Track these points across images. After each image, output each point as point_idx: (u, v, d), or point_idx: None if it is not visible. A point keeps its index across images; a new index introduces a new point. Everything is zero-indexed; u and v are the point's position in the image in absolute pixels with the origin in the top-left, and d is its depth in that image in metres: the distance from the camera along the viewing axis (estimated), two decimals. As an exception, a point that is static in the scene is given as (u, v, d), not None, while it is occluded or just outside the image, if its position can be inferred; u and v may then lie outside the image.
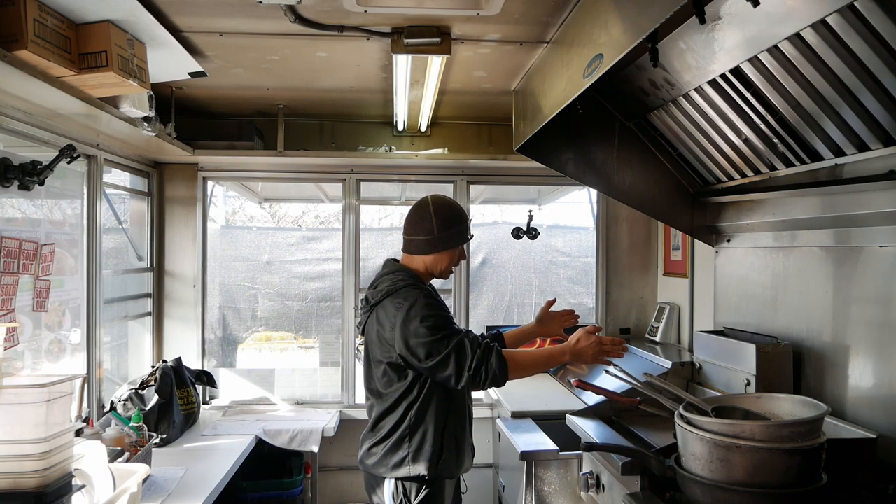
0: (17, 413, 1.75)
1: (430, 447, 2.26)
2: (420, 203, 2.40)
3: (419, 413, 2.27)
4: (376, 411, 2.34)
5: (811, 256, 2.52)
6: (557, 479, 2.83)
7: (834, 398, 2.34)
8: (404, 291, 2.26)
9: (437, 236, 2.35)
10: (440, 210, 2.37)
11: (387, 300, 2.27)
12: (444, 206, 2.39)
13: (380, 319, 2.27)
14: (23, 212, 2.59)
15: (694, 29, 2.12)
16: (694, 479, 1.80)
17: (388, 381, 2.28)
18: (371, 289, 2.38)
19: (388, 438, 2.29)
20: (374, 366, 2.33)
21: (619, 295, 4.19)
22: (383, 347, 2.26)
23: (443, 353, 2.16)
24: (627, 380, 2.45)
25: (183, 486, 2.56)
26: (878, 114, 1.90)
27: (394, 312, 2.22)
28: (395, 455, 2.27)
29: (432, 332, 2.18)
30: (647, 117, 3.01)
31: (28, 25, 1.93)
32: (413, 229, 2.38)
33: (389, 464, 2.28)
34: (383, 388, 2.30)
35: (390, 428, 2.29)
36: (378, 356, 2.30)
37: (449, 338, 2.18)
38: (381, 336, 2.26)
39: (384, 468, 2.29)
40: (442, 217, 2.36)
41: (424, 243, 2.36)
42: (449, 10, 2.30)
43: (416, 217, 2.39)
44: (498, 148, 4.04)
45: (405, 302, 2.22)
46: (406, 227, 2.40)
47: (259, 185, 5.08)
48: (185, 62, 2.73)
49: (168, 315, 3.92)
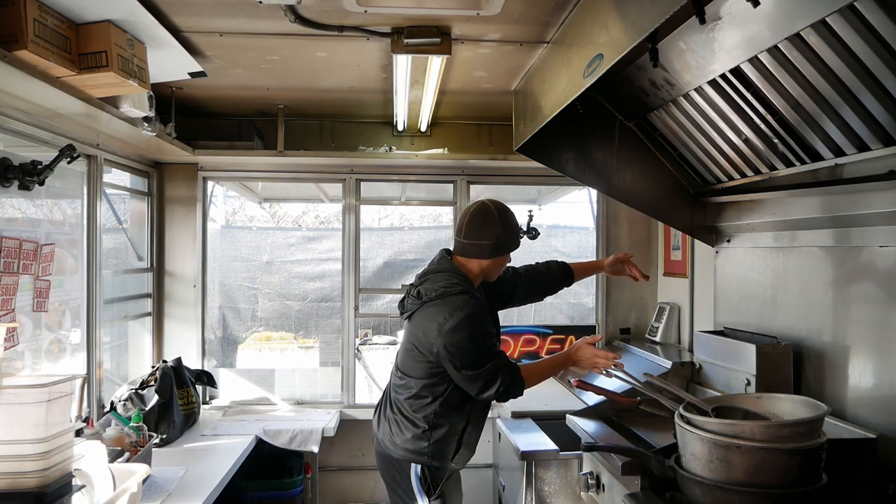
0: (17, 413, 1.75)
1: (450, 443, 2.40)
2: (483, 209, 2.45)
3: (444, 408, 2.38)
4: (402, 393, 2.43)
5: (811, 256, 2.52)
6: (557, 479, 2.83)
7: (834, 398, 2.34)
8: (460, 299, 2.32)
9: (501, 241, 2.42)
10: (504, 216, 2.45)
11: (440, 301, 2.33)
12: (508, 212, 2.48)
13: (429, 315, 2.34)
14: (23, 212, 2.59)
15: (694, 29, 2.12)
16: (694, 479, 1.80)
17: (421, 371, 2.37)
18: (422, 279, 2.44)
19: (412, 426, 2.40)
20: (411, 351, 2.41)
21: (619, 295, 4.19)
22: (425, 342, 2.33)
23: (478, 371, 2.29)
24: (627, 380, 2.45)
25: (183, 486, 2.56)
26: (878, 114, 1.90)
27: (445, 317, 2.28)
28: (417, 444, 2.39)
29: (475, 349, 2.29)
30: (647, 117, 3.01)
31: (28, 25, 1.93)
32: (477, 234, 2.42)
33: (412, 450, 2.39)
34: (413, 373, 2.40)
35: (415, 416, 2.39)
36: (417, 346, 2.37)
37: (488, 358, 2.31)
38: (426, 331, 2.33)
39: (407, 453, 2.40)
40: (507, 223, 2.44)
41: (489, 248, 2.42)
42: (449, 10, 2.30)
43: (480, 221, 2.43)
44: (498, 148, 4.04)
45: (457, 311, 2.28)
46: (467, 231, 2.43)
47: (259, 185, 5.08)
48: (185, 62, 2.73)
49: (168, 315, 3.92)
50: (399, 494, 2.47)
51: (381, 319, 7.39)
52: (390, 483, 2.51)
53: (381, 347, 6.90)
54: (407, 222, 8.06)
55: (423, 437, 2.38)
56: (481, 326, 2.32)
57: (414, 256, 7.19)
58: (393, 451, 2.43)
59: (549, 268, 2.83)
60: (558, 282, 2.85)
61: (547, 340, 4.15)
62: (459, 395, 2.38)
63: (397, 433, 2.42)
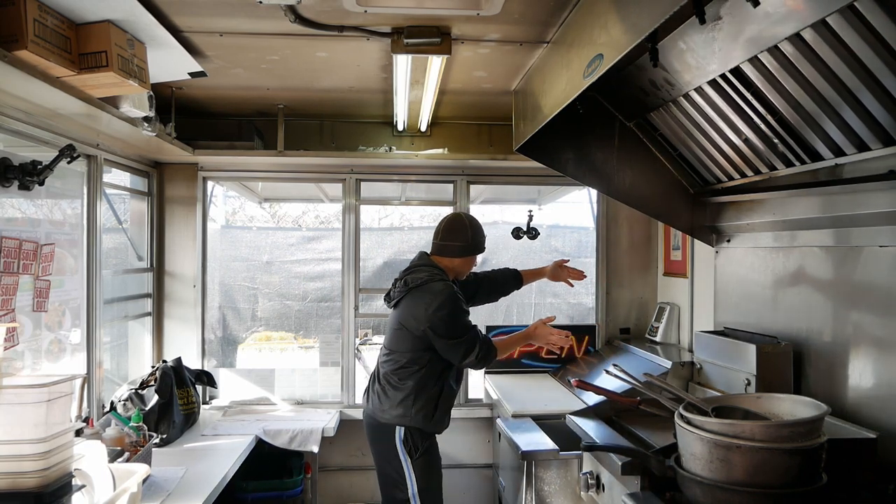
0: (17, 413, 1.75)
1: (429, 407, 2.85)
2: (457, 218, 3.03)
3: (425, 377, 2.84)
4: (390, 366, 2.89)
5: (811, 256, 2.52)
6: (557, 479, 2.83)
7: (834, 398, 2.34)
8: (440, 284, 2.84)
9: (469, 244, 2.97)
10: (473, 226, 3.00)
11: (424, 287, 2.83)
12: (476, 223, 3.04)
13: (416, 299, 2.83)
14: (23, 212, 2.59)
15: (694, 29, 2.12)
16: (694, 479, 1.80)
17: (407, 345, 2.84)
18: (407, 272, 2.94)
19: (398, 393, 2.84)
20: (399, 330, 2.88)
21: (619, 295, 4.19)
22: (413, 321, 2.81)
23: (460, 339, 2.81)
24: (627, 380, 2.45)
25: (183, 486, 2.56)
26: (878, 114, 1.90)
27: (430, 299, 2.79)
28: (401, 408, 2.83)
29: (456, 322, 2.83)
30: (647, 117, 3.01)
31: (28, 25, 1.93)
32: (451, 237, 2.96)
33: (397, 415, 2.83)
34: (400, 348, 2.87)
35: (400, 384, 2.84)
36: (405, 325, 2.85)
37: (466, 330, 2.84)
38: (415, 312, 2.81)
39: (393, 417, 2.84)
40: (475, 230, 3.00)
41: (459, 249, 2.96)
42: (449, 10, 2.30)
43: (454, 227, 2.98)
44: (498, 148, 4.04)
45: (440, 294, 2.80)
46: (444, 234, 2.98)
47: (259, 185, 5.07)
48: (185, 62, 2.73)
49: (168, 315, 3.92)
50: (385, 456, 2.89)
51: (381, 319, 7.37)
52: (377, 447, 2.95)
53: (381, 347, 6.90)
54: (407, 222, 8.06)
55: (408, 401, 2.82)
56: (459, 304, 2.84)
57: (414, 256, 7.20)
58: (381, 417, 2.87)
59: (504, 274, 3.35)
60: (510, 285, 3.35)
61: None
62: (440, 366, 2.85)
63: (385, 401, 2.87)
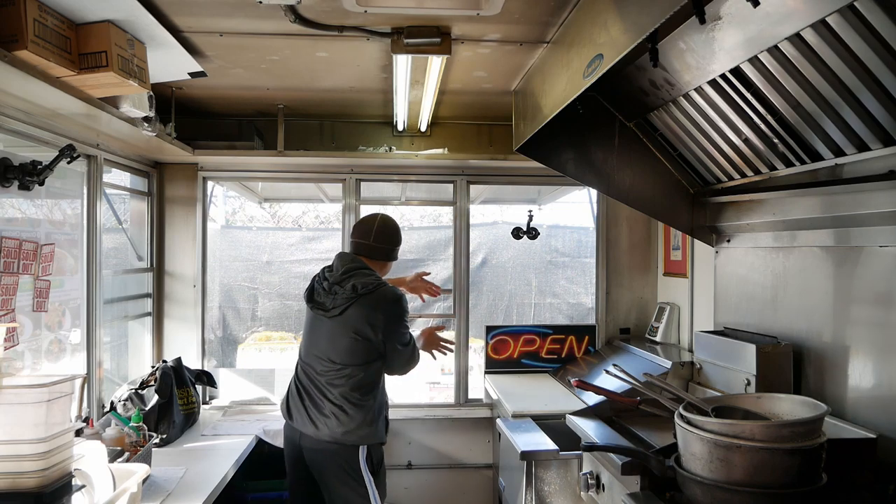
0: (17, 413, 1.75)
1: (382, 417, 2.79)
2: (389, 220, 2.93)
3: (380, 386, 2.78)
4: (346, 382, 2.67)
5: (811, 256, 2.52)
6: (557, 479, 2.83)
7: (834, 398, 2.34)
8: (391, 290, 2.76)
9: (397, 249, 2.93)
10: (383, 227, 2.89)
11: (377, 292, 2.70)
12: (389, 227, 2.92)
13: (369, 305, 2.67)
14: (23, 212, 2.59)
15: (694, 29, 2.12)
16: (694, 479, 1.80)
17: (362, 356, 2.69)
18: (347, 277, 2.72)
19: (362, 411, 2.69)
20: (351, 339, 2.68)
21: (619, 295, 4.19)
22: (369, 328, 2.67)
23: (409, 346, 2.79)
24: (627, 380, 2.45)
25: (183, 486, 2.56)
26: (878, 114, 1.90)
27: (387, 304, 2.69)
28: (365, 425, 2.69)
29: (406, 329, 2.79)
30: (647, 117, 3.01)
31: (28, 25, 1.93)
32: (386, 239, 2.87)
33: (364, 434, 2.69)
34: (354, 360, 2.68)
35: (361, 399, 2.69)
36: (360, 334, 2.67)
37: (411, 337, 2.84)
38: (370, 318, 2.66)
39: (359, 437, 2.68)
40: (399, 236, 2.95)
41: (394, 252, 2.92)
42: (449, 10, 2.30)
43: (390, 229, 2.90)
44: (498, 148, 4.04)
45: (394, 299, 2.73)
46: (377, 235, 2.86)
47: (259, 185, 5.08)
48: (185, 62, 2.73)
49: (168, 315, 3.92)
50: (346, 481, 2.68)
51: (381, 319, 7.39)
52: (338, 474, 2.70)
53: (381, 347, 6.89)
54: (407, 222, 8.06)
55: (369, 416, 2.70)
56: (407, 311, 2.79)
57: (414, 256, 7.19)
58: (346, 439, 2.67)
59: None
60: None
61: (547, 340, 4.15)
62: (383, 377, 2.81)
63: (347, 421, 2.66)
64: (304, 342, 2.85)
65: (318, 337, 2.75)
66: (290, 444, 2.82)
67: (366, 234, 2.85)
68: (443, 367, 6.15)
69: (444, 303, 6.81)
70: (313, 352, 2.76)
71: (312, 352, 2.76)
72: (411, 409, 4.13)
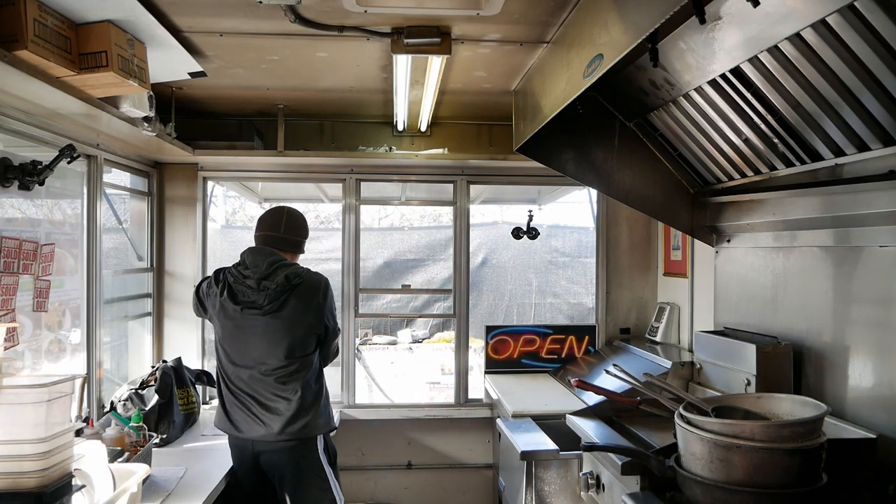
0: (17, 413, 1.75)
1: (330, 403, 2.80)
2: (296, 212, 2.91)
3: (322, 375, 2.79)
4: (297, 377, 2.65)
5: (811, 256, 2.52)
6: (557, 479, 2.83)
7: (834, 398, 2.34)
8: (317, 275, 2.79)
9: (303, 241, 2.93)
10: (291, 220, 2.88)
11: (307, 280, 2.72)
12: (296, 219, 2.91)
13: (306, 293, 2.69)
14: (23, 212, 2.59)
15: (694, 29, 2.12)
16: (694, 479, 1.80)
17: (311, 346, 2.71)
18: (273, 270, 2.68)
19: (319, 400, 2.70)
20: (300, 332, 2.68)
21: (619, 295, 4.19)
22: (313, 315, 2.70)
23: (338, 329, 2.87)
24: (627, 380, 2.45)
25: (183, 486, 2.56)
26: (878, 114, 1.90)
27: (322, 292, 2.73)
28: (323, 414, 2.71)
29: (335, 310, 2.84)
30: (647, 117, 3.01)
31: (28, 25, 1.93)
32: (295, 231, 2.87)
33: (321, 423, 2.69)
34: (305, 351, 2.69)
35: (316, 391, 2.70)
36: (304, 324, 2.68)
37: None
38: (312, 304, 2.70)
39: (315, 428, 2.66)
40: (307, 229, 2.95)
41: (301, 244, 2.91)
42: (449, 10, 2.30)
43: (300, 223, 2.89)
44: (498, 148, 4.04)
45: (326, 286, 2.77)
46: (286, 228, 2.84)
47: (259, 185, 5.08)
48: (185, 62, 2.73)
49: (168, 315, 3.92)
50: (309, 478, 2.65)
51: (381, 319, 7.41)
52: (298, 471, 2.66)
53: (381, 347, 6.91)
54: (407, 222, 8.07)
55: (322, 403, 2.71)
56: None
57: (414, 256, 7.20)
58: (306, 433, 2.64)
59: None
60: None
61: (547, 340, 4.15)
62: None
63: (303, 414, 2.63)
64: (230, 348, 2.70)
65: (255, 338, 2.64)
66: (241, 455, 2.73)
67: (275, 226, 2.81)
68: (443, 366, 6.16)
69: (445, 303, 6.82)
70: (253, 355, 2.65)
71: (252, 355, 2.65)
72: (411, 409, 4.12)
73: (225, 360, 2.72)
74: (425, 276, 7.08)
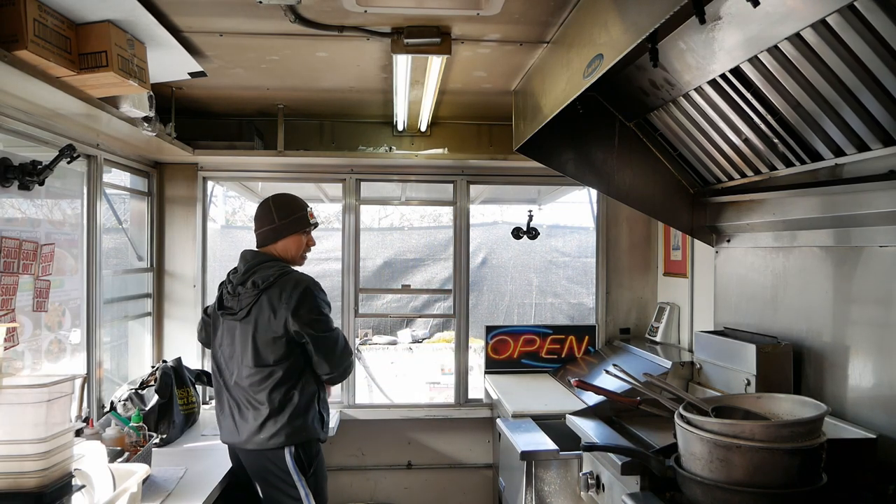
0: (17, 413, 1.75)
1: (315, 413, 2.61)
2: (263, 203, 2.77)
3: (306, 382, 2.59)
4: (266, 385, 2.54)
5: (811, 256, 2.52)
6: (557, 479, 2.83)
7: (834, 398, 2.34)
8: (294, 276, 2.60)
9: (279, 223, 2.70)
10: (278, 203, 2.74)
11: (278, 283, 2.56)
12: (282, 199, 2.77)
13: (272, 298, 2.53)
14: (23, 212, 2.59)
15: (694, 29, 2.12)
16: (694, 479, 1.80)
17: (280, 353, 2.54)
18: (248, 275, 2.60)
19: (287, 411, 2.53)
20: (266, 339, 2.55)
21: (619, 295, 4.19)
22: (276, 322, 2.52)
23: (332, 332, 2.60)
24: (627, 380, 2.45)
25: (183, 486, 2.56)
26: (878, 114, 1.90)
27: (289, 293, 2.53)
28: (295, 423, 2.54)
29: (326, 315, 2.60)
30: (647, 117, 3.01)
31: (28, 25, 1.93)
32: (259, 224, 2.73)
33: (289, 433, 2.52)
34: (273, 359, 2.54)
35: (295, 402, 2.55)
36: (269, 331, 2.54)
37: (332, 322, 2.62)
38: (276, 311, 2.52)
39: (282, 438, 2.52)
40: (280, 206, 2.73)
41: (272, 232, 2.70)
42: (449, 10, 2.30)
43: (260, 213, 2.74)
44: (498, 148, 4.04)
45: (299, 285, 2.55)
46: (255, 224, 2.75)
47: (259, 185, 5.07)
48: (185, 62, 2.73)
49: (168, 315, 3.92)
50: (278, 485, 2.56)
51: (381, 319, 7.41)
52: (266, 478, 2.58)
53: (380, 347, 6.92)
54: (407, 222, 8.07)
55: (297, 413, 2.53)
56: (323, 293, 2.61)
57: (414, 256, 7.20)
58: (265, 444, 2.52)
59: None
60: None
61: (547, 340, 4.15)
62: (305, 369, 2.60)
63: (271, 424, 2.52)
64: (218, 353, 2.70)
65: (234, 344, 2.62)
66: (232, 457, 2.75)
67: (268, 219, 2.71)
68: (443, 366, 6.17)
69: (445, 303, 6.82)
70: (231, 362, 2.63)
71: (232, 362, 2.63)
72: (411, 409, 4.12)
73: (215, 366, 2.73)
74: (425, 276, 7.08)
